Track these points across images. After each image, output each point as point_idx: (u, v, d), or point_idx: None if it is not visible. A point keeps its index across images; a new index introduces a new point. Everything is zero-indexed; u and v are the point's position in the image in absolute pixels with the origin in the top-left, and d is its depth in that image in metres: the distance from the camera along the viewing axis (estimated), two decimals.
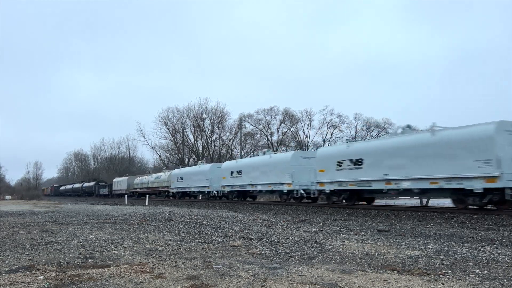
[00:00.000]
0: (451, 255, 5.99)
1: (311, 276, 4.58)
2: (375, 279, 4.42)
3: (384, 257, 5.86)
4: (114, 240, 7.79)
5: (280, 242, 7.38)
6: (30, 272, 4.85)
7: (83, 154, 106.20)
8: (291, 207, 19.41)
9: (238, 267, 5.08)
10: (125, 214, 15.25)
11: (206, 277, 4.55)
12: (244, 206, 22.27)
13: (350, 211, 16.03)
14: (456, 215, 12.84)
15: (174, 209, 18.93)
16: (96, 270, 4.92)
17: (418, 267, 5.03)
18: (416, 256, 5.93)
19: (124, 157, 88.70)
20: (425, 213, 13.98)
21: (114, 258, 5.79)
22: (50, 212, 17.74)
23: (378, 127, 57.77)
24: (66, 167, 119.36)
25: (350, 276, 4.58)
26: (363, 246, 6.89)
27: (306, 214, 15.92)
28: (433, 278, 4.45)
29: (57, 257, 5.91)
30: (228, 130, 63.06)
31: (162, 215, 14.65)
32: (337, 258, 5.75)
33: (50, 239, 8.02)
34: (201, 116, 62.68)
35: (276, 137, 60.30)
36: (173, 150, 66.50)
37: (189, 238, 8.11)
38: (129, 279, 4.44)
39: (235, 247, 6.79)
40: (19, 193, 65.69)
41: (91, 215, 15.36)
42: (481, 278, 4.46)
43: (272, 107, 59.92)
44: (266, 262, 5.49)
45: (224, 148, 63.16)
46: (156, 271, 4.86)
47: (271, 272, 4.80)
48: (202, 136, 63.20)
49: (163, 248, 6.78)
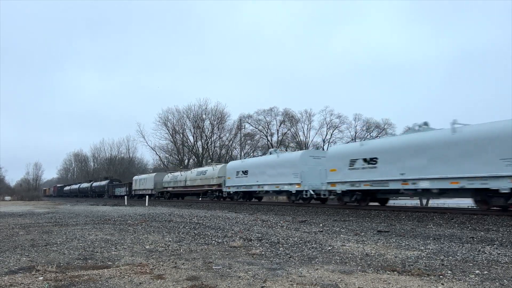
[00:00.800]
0: (451, 255, 5.99)
1: (311, 276, 4.58)
2: (375, 279, 4.42)
3: (384, 257, 5.85)
4: (114, 241, 7.78)
5: (280, 243, 7.38)
6: (30, 273, 4.84)
7: (83, 155, 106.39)
8: (291, 208, 19.38)
9: (238, 268, 5.07)
10: (125, 215, 15.25)
11: (206, 278, 4.55)
12: (244, 206, 22.25)
13: (350, 212, 16.01)
14: (456, 215, 12.83)
15: (174, 210, 18.92)
16: (95, 271, 4.92)
17: (418, 268, 5.03)
18: (416, 256, 5.93)
19: (124, 158, 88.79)
20: (425, 213, 13.97)
21: (114, 259, 5.78)
22: (50, 213, 17.73)
23: (378, 128, 57.84)
24: (66, 168, 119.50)
25: (350, 276, 4.58)
26: (363, 247, 6.89)
27: (306, 214, 15.91)
28: (433, 279, 4.44)
29: (57, 258, 5.91)
30: (228, 131, 63.21)
31: (162, 215, 14.64)
32: (337, 259, 5.75)
33: (49, 240, 8.02)
34: (201, 117, 62.80)
35: (276, 138, 60.34)
36: (173, 151, 66.58)
37: (189, 239, 8.11)
38: (129, 280, 4.44)
39: (235, 248, 6.79)
40: (19, 194, 65.70)
41: (91, 216, 15.35)
42: (481, 279, 4.46)
43: (272, 108, 60.07)
44: (266, 262, 5.48)
45: (224, 149, 63.18)
46: (156, 272, 4.85)
47: (271, 272, 4.79)
48: (202, 137, 63.28)
49: (163, 249, 6.77)
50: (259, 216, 14.87)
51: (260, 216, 14.88)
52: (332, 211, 16.54)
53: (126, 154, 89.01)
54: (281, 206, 21.21)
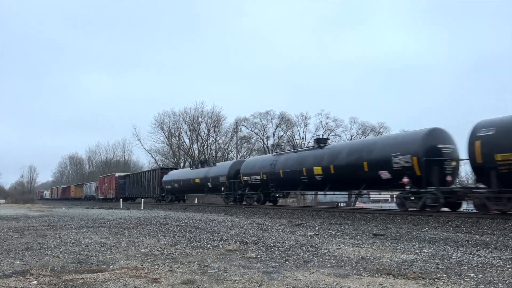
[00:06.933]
0: (446, 259, 6.01)
1: (307, 280, 4.58)
2: (370, 283, 4.42)
3: (380, 261, 5.86)
4: (108, 244, 7.74)
5: (275, 246, 7.37)
6: (24, 277, 4.81)
7: (78, 157, 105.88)
8: (287, 211, 19.39)
9: (233, 272, 5.06)
10: (120, 218, 15.17)
11: (202, 281, 4.53)
12: (240, 210, 22.22)
13: (345, 215, 16.02)
14: (451, 219, 12.86)
15: (170, 213, 18.86)
16: (90, 275, 4.89)
17: (413, 271, 5.04)
18: (411, 260, 5.94)
19: (119, 160, 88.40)
20: (420, 216, 13.99)
21: (108, 263, 5.75)
22: (45, 216, 17.61)
23: (373, 131, 58.02)
24: (61, 170, 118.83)
25: (345, 280, 4.58)
26: (359, 250, 6.89)
27: (302, 218, 15.90)
28: (428, 282, 4.45)
29: (51, 262, 5.87)
30: (224, 134, 63.10)
31: (158, 219, 14.59)
32: (333, 262, 5.75)
33: (44, 243, 7.96)
34: (197, 120, 62.65)
35: (272, 141, 60.38)
36: (168, 153, 66.36)
37: (185, 242, 8.08)
38: (123, 284, 4.42)
39: (230, 251, 6.77)
40: (13, 197, 65.17)
41: (86, 219, 15.27)
42: (476, 282, 4.48)
43: (268, 111, 59.99)
44: (261, 266, 5.47)
45: (220, 152, 63.10)
46: (151, 276, 4.83)
47: (267, 276, 4.79)
48: (198, 140, 63.13)
49: (158, 252, 6.75)
50: (255, 219, 14.85)
51: (256, 219, 14.86)
52: (328, 214, 16.55)
53: (121, 157, 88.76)
54: (277, 209, 21.20)
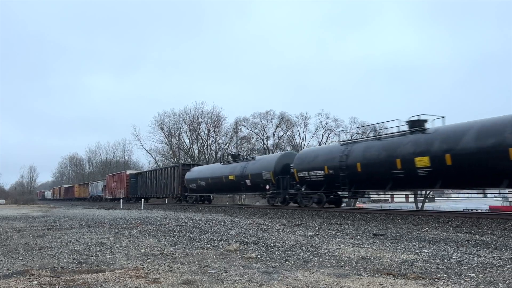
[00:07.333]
0: (446, 259, 6.01)
1: (307, 280, 4.58)
2: (370, 283, 4.42)
3: (380, 261, 5.86)
4: (109, 244, 7.74)
5: (276, 247, 7.37)
6: (24, 278, 4.80)
7: (78, 158, 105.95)
8: (287, 211, 19.38)
9: (233, 272, 5.06)
10: (120, 219, 15.17)
11: (202, 281, 4.53)
12: (240, 210, 22.22)
13: (346, 215, 16.01)
14: (451, 219, 12.86)
15: (170, 213, 18.86)
16: (90, 275, 4.89)
17: (413, 271, 5.04)
18: (412, 260, 5.94)
19: (119, 161, 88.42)
20: (420, 216, 14.00)
21: (109, 263, 5.75)
22: (45, 217, 17.60)
23: (373, 131, 58.01)
24: (61, 171, 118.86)
25: (345, 280, 4.58)
26: (359, 250, 6.89)
27: (302, 218, 15.90)
28: (428, 282, 4.45)
29: (51, 262, 5.86)
30: (224, 134, 63.12)
31: (158, 219, 14.59)
32: (333, 262, 5.75)
33: (44, 243, 7.96)
34: (197, 120, 62.67)
35: (272, 141, 60.36)
36: (168, 154, 66.38)
37: (185, 242, 8.08)
38: (124, 284, 4.42)
39: (230, 252, 6.77)
40: (13, 197, 65.18)
41: (86, 219, 15.26)
42: (476, 282, 4.48)
43: (268, 111, 59.98)
44: (261, 266, 5.47)
45: (220, 152, 63.09)
46: (151, 276, 4.83)
47: (267, 276, 4.78)
48: (198, 140, 63.14)
49: (158, 252, 6.74)
50: (255, 219, 14.85)
51: (256, 219, 14.86)
52: (328, 215, 16.54)
53: (121, 157, 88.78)
54: (277, 209, 21.19)
